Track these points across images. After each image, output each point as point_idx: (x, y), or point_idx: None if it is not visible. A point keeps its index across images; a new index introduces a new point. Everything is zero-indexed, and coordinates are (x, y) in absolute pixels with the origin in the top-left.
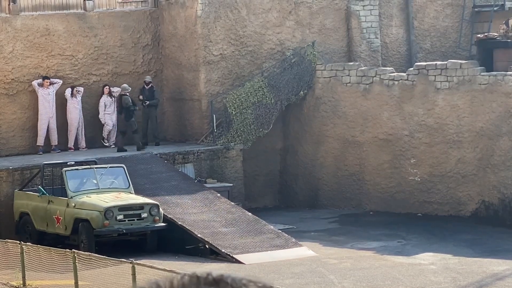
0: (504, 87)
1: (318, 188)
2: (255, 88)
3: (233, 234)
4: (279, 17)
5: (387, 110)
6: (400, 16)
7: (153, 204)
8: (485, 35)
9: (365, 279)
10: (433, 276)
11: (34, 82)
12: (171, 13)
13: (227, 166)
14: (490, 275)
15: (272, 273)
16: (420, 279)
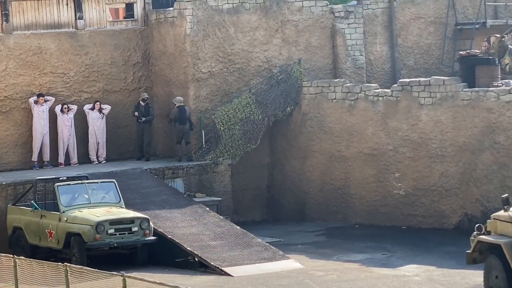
0: (485, 103)
1: (305, 201)
2: (243, 105)
3: (221, 247)
4: (266, 35)
5: (372, 125)
6: (384, 34)
7: (144, 218)
8: (467, 52)
9: None
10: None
11: (31, 99)
12: (160, 31)
13: (215, 180)
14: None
15: (260, 285)
16: None
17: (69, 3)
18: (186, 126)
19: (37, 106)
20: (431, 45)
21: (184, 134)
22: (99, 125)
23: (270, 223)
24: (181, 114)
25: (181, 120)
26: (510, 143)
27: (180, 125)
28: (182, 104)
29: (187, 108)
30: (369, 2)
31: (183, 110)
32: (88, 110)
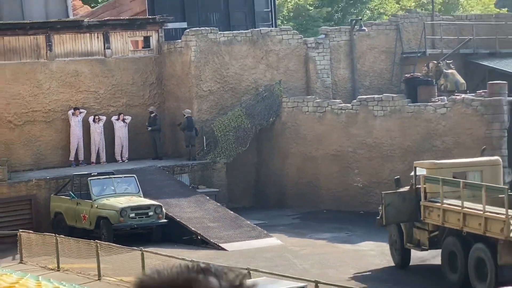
0: (425, 115)
1: (285, 192)
2: (235, 116)
3: (219, 228)
4: (254, 62)
5: (336, 132)
6: (346, 61)
7: (158, 205)
8: (411, 75)
9: (320, 262)
10: (372, 259)
11: (69, 112)
12: (171, 58)
13: (214, 175)
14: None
15: (248, 258)
16: (363, 261)
17: (99, 36)
18: (193, 132)
19: (73, 117)
20: (383, 70)
21: (191, 139)
22: (122, 132)
23: (257, 209)
24: (189, 123)
25: (189, 128)
26: (445, 146)
27: (188, 132)
28: (190, 115)
29: (194, 118)
30: (334, 36)
31: (190, 120)
32: (114, 120)
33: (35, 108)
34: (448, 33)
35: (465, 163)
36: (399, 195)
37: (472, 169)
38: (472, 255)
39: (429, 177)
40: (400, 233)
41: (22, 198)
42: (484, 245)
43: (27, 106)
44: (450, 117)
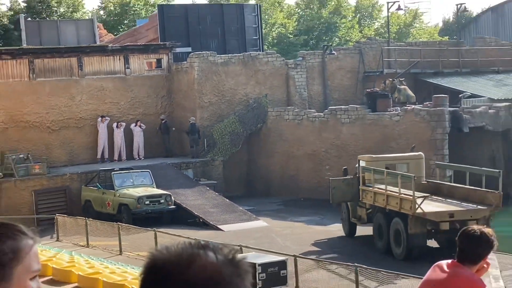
0: (383, 122)
1: (270, 184)
2: (230, 123)
3: (217, 212)
4: (246, 79)
5: (312, 136)
6: (319, 78)
7: (168, 194)
8: (371, 90)
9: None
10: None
11: (98, 119)
12: (178, 76)
13: (213, 170)
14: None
15: (241, 237)
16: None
17: (120, 58)
18: (196, 136)
19: (101, 123)
20: (348, 86)
21: (194, 141)
22: (139, 135)
23: (247, 197)
24: (193, 128)
25: (193, 132)
26: (399, 147)
27: (191, 135)
28: (194, 121)
29: (197, 124)
30: (310, 58)
31: (194, 125)
32: (133, 127)
33: (69, 116)
34: (401, 56)
35: (395, 157)
36: (344, 181)
37: (400, 162)
38: (392, 227)
39: (365, 167)
40: (348, 211)
41: (59, 189)
42: (400, 219)
43: (62, 114)
44: (403, 123)
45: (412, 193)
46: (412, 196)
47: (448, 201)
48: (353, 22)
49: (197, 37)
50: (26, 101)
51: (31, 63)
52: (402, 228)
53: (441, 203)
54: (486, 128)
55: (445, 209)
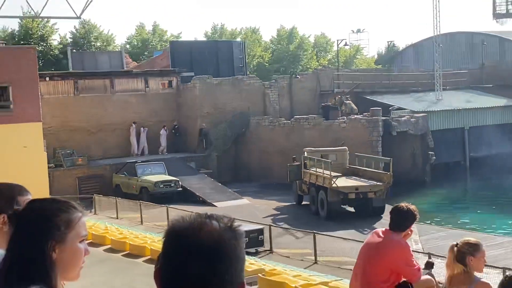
0: (334, 128)
1: (251, 173)
2: (222, 128)
3: (213, 193)
4: (233, 96)
5: (282, 138)
6: (287, 96)
7: (177, 180)
8: (325, 104)
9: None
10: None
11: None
12: (185, 93)
13: (210, 162)
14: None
15: (230, 211)
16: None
17: (142, 80)
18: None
19: (132, 128)
20: (308, 101)
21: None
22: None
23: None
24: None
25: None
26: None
27: (200, 137)
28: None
29: (204, 130)
30: (280, 81)
31: (201, 130)
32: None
33: (103, 122)
34: (347, 79)
35: (327, 150)
36: (295, 166)
37: (331, 153)
38: (319, 197)
39: (306, 157)
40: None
41: (96, 176)
42: (323, 191)
43: (98, 121)
44: (348, 129)
45: (329, 173)
46: (329, 176)
47: (358, 179)
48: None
49: (198, 65)
50: (72, 111)
51: (76, 83)
52: (325, 197)
53: (353, 180)
54: (409, 132)
55: (353, 184)
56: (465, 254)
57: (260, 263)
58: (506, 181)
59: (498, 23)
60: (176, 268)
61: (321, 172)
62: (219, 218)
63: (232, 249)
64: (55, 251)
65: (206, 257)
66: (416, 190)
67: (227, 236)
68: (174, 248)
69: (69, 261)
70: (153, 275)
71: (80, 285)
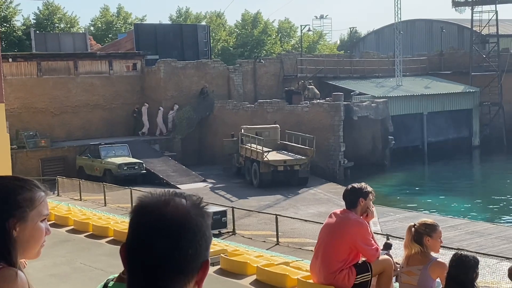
0: (296, 111)
1: (215, 156)
2: (187, 111)
3: (176, 175)
4: (198, 79)
5: (245, 121)
6: (251, 80)
7: (140, 162)
8: (288, 89)
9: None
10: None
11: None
12: (149, 76)
13: (174, 145)
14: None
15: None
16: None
17: (106, 62)
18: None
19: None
20: (272, 85)
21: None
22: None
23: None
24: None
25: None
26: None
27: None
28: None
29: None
30: (245, 65)
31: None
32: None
33: (67, 104)
34: (310, 64)
35: (262, 128)
36: (231, 141)
37: (265, 130)
38: (253, 168)
39: (243, 133)
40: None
41: (59, 158)
42: (257, 164)
43: (62, 103)
44: (310, 113)
45: (262, 149)
46: (262, 150)
47: (286, 154)
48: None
49: (163, 48)
50: (35, 92)
51: (39, 64)
52: (258, 169)
53: (282, 155)
54: (369, 117)
55: (281, 158)
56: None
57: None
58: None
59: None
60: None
61: (255, 147)
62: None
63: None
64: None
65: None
66: (376, 173)
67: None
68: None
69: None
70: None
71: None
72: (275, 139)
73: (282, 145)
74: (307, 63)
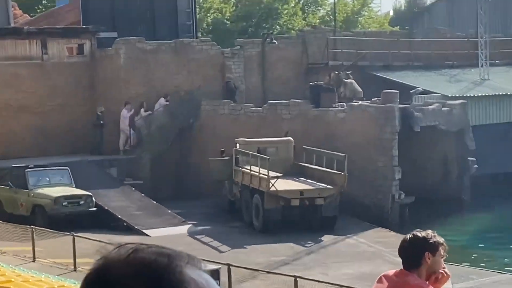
0: (327, 118)
1: (202, 185)
2: (160, 117)
3: (143, 216)
4: (177, 68)
5: (249, 132)
6: (258, 69)
7: (88, 195)
8: (315, 83)
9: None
10: None
11: None
12: (102, 64)
13: (139, 169)
14: None
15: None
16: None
17: (37, 42)
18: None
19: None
20: (290, 78)
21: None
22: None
23: (177, 199)
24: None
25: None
26: (344, 146)
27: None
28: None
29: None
30: (248, 47)
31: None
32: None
33: None
34: (348, 47)
35: (266, 141)
36: (221, 161)
37: (270, 146)
38: (254, 203)
39: (238, 150)
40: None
41: None
42: (259, 196)
43: None
44: (348, 121)
45: (267, 173)
46: (267, 176)
47: (305, 181)
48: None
49: (123, 21)
50: None
51: None
52: (260, 204)
53: (298, 183)
54: (438, 128)
55: (296, 187)
56: None
57: None
58: None
59: None
60: None
61: (256, 171)
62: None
63: None
64: None
65: None
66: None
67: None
68: None
69: None
70: None
71: None
72: (287, 158)
73: (298, 167)
74: (344, 45)
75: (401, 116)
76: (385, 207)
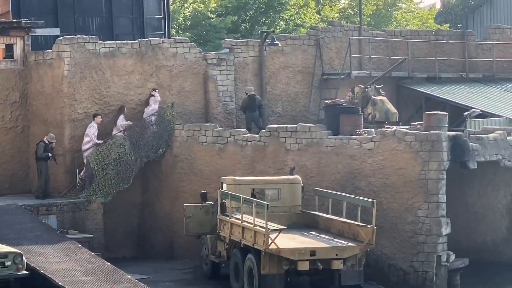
0: (348, 150)
1: (174, 240)
2: (117, 145)
3: (92, 283)
4: (141, 79)
5: (240, 168)
6: (254, 81)
7: (17, 253)
8: (332, 101)
9: None
10: None
11: None
12: (39, 72)
13: (88, 218)
14: None
15: None
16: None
17: None
18: (256, 113)
19: None
20: (298, 93)
21: (254, 121)
22: None
23: (140, 260)
24: (251, 102)
25: (251, 108)
26: (371, 189)
27: (249, 112)
28: (253, 93)
29: (258, 97)
30: (241, 51)
31: (253, 98)
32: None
33: None
34: (379, 52)
35: (264, 181)
36: (201, 208)
37: (270, 187)
38: (246, 265)
39: (225, 193)
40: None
41: None
42: (253, 256)
43: None
44: (379, 153)
45: (265, 225)
46: (265, 228)
47: (317, 236)
48: None
49: (69, 14)
50: None
51: None
52: (254, 267)
53: (307, 239)
54: (503, 164)
55: (306, 245)
56: None
57: None
58: None
59: None
60: None
61: (251, 221)
62: None
63: None
64: None
65: None
66: None
67: None
68: None
69: None
70: None
71: None
72: (293, 204)
73: (308, 217)
74: (373, 49)
75: (451, 148)
76: (429, 273)
